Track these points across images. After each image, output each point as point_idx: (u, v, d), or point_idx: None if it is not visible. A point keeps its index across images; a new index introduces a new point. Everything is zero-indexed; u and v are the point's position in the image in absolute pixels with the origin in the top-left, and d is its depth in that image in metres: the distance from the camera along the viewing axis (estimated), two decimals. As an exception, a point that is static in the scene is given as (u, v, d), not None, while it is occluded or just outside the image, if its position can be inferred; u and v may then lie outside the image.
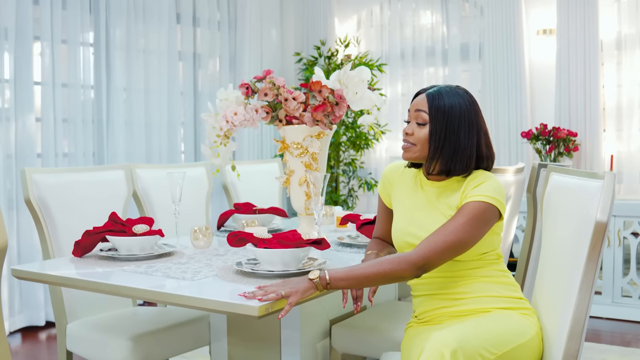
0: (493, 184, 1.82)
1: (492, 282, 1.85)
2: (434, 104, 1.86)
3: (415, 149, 1.88)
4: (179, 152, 5.14)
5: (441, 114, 1.85)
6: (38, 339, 3.92)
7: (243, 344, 2.34)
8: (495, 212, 1.80)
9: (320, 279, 1.69)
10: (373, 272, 1.73)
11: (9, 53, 3.98)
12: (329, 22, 5.89)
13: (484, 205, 1.78)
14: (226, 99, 2.56)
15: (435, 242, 1.74)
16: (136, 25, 4.74)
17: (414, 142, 1.88)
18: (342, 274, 1.71)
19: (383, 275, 1.74)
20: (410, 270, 1.73)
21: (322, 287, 1.69)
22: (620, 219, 4.15)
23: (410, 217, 1.92)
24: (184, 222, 2.78)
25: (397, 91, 5.76)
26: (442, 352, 1.57)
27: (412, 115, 1.90)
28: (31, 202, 2.39)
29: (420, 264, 1.73)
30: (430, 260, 1.73)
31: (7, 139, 3.98)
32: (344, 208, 5.52)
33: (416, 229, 1.88)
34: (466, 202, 1.80)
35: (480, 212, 1.77)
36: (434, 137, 1.85)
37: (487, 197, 1.78)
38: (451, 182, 1.89)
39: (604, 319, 4.20)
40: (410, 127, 1.90)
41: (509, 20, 5.07)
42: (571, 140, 4.76)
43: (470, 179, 1.86)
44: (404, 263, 1.73)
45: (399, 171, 2.04)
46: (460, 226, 1.75)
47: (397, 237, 1.94)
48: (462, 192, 1.84)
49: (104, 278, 1.88)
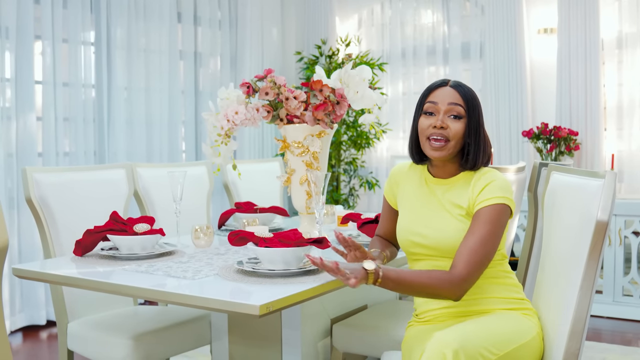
0: (499, 183, 1.80)
1: (495, 284, 1.84)
2: (468, 96, 1.82)
3: (450, 145, 1.82)
4: (180, 151, 5.14)
5: (475, 106, 1.83)
6: (39, 338, 3.92)
7: (244, 343, 2.34)
8: (508, 211, 1.79)
9: (374, 273, 1.67)
10: (418, 282, 1.71)
11: (10, 52, 3.98)
12: (329, 21, 5.89)
13: (498, 207, 1.76)
14: (227, 98, 2.56)
15: (470, 262, 1.71)
16: (137, 24, 4.74)
17: (450, 137, 1.81)
18: (393, 275, 1.68)
19: (425, 289, 1.72)
20: (451, 293, 1.71)
21: (372, 281, 1.67)
22: (621, 218, 4.15)
23: (416, 215, 1.91)
24: (184, 221, 2.78)
25: (398, 90, 5.76)
26: (444, 353, 1.56)
27: (443, 109, 1.82)
28: (32, 201, 2.40)
29: (462, 290, 1.71)
30: (469, 284, 1.72)
31: (8, 138, 3.99)
32: (344, 207, 5.52)
33: (422, 228, 1.87)
34: (479, 208, 1.77)
35: (497, 217, 1.76)
36: (471, 131, 1.81)
37: (498, 197, 1.77)
38: (457, 180, 1.87)
39: (604, 318, 4.20)
40: (443, 120, 1.82)
41: (509, 19, 5.06)
42: (572, 139, 4.75)
43: (476, 178, 1.83)
44: (448, 283, 1.70)
45: (405, 170, 2.02)
46: (484, 238, 1.73)
47: (402, 236, 1.93)
48: (471, 193, 1.81)
49: (105, 277, 1.88)
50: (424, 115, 1.87)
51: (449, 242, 1.81)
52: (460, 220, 1.82)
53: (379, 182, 5.68)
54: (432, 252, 1.85)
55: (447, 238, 1.81)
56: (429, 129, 1.84)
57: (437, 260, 1.86)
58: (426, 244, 1.85)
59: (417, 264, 1.92)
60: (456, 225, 1.82)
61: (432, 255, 1.86)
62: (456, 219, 1.83)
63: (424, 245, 1.86)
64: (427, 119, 1.85)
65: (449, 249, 1.81)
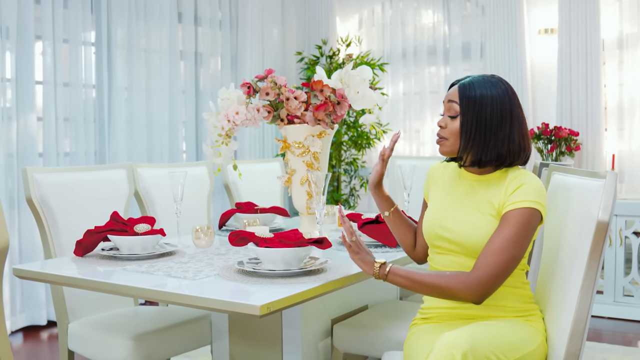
0: (532, 185, 1.76)
1: (510, 293, 1.81)
2: (465, 95, 1.81)
3: (448, 143, 1.84)
4: (181, 152, 5.14)
5: (472, 104, 1.80)
6: (39, 339, 3.92)
7: (244, 343, 2.34)
8: (538, 216, 1.75)
9: (381, 267, 1.75)
10: (430, 282, 1.72)
11: (10, 52, 3.99)
12: (330, 22, 5.89)
13: (527, 211, 1.72)
14: (228, 98, 2.56)
15: (491, 265, 1.69)
16: (137, 24, 4.74)
17: (446, 136, 1.84)
18: (402, 272, 1.74)
19: (439, 289, 1.72)
20: (469, 296, 1.70)
21: (379, 275, 1.75)
22: (621, 218, 4.15)
23: (446, 209, 1.88)
24: (185, 221, 2.78)
25: (398, 90, 5.76)
26: (453, 354, 1.55)
27: (445, 108, 1.87)
28: (33, 201, 2.40)
29: (481, 292, 1.69)
30: (489, 287, 1.70)
31: (9, 138, 3.99)
32: (345, 207, 5.52)
33: (450, 222, 1.84)
34: (508, 210, 1.74)
35: (526, 221, 1.72)
36: (465, 129, 1.80)
37: (529, 201, 1.73)
38: (492, 177, 1.84)
39: (605, 318, 4.20)
40: (443, 120, 1.86)
41: (510, 20, 5.06)
42: (573, 140, 4.75)
43: (511, 177, 1.80)
44: (463, 285, 1.69)
45: (441, 167, 2.01)
46: (510, 241, 1.70)
47: (428, 229, 1.90)
48: (504, 193, 1.78)
49: (106, 277, 1.88)
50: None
51: (475, 241, 1.78)
52: (489, 219, 1.79)
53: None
54: (456, 248, 1.83)
55: (474, 236, 1.78)
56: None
57: (458, 256, 1.83)
58: (452, 239, 1.83)
59: (438, 257, 1.89)
60: (485, 224, 1.78)
61: (455, 251, 1.83)
62: (486, 217, 1.79)
63: (449, 240, 1.83)
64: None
65: (473, 247, 1.78)
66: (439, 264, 1.88)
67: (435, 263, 1.91)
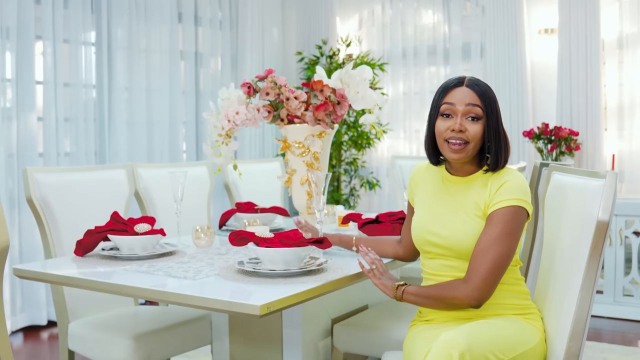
0: (515, 183, 1.76)
1: (505, 290, 1.82)
2: (486, 96, 1.78)
3: (470, 148, 1.79)
4: (181, 152, 5.14)
5: (493, 106, 1.78)
6: (40, 339, 3.92)
7: (245, 343, 2.34)
8: (524, 213, 1.75)
9: (397, 289, 1.80)
10: (436, 294, 1.76)
11: (10, 52, 3.99)
12: (330, 22, 5.89)
13: (512, 209, 1.73)
14: (228, 98, 2.56)
15: (483, 268, 1.70)
16: (138, 25, 4.74)
17: (469, 139, 1.78)
18: (413, 289, 1.79)
19: (443, 299, 1.76)
20: (468, 303, 1.72)
21: (396, 296, 1.80)
22: (621, 218, 4.15)
23: (433, 214, 1.88)
24: (185, 221, 2.79)
25: (398, 90, 5.76)
26: (451, 353, 1.55)
27: (461, 111, 1.78)
28: (33, 201, 2.40)
29: (478, 297, 1.71)
30: (485, 290, 1.71)
31: (9, 138, 3.99)
32: (345, 207, 5.52)
33: (438, 227, 1.84)
34: (493, 210, 1.75)
35: (511, 219, 1.72)
36: (490, 132, 1.77)
37: (513, 199, 1.73)
38: (476, 178, 1.84)
39: (605, 318, 4.19)
40: (462, 123, 1.77)
41: (510, 20, 5.06)
42: (573, 140, 4.75)
43: (494, 176, 1.80)
44: (460, 293, 1.73)
45: (423, 169, 1.99)
46: (497, 240, 1.71)
47: (417, 236, 1.90)
48: (489, 191, 1.78)
49: (106, 277, 1.89)
50: (440, 117, 1.82)
51: (464, 244, 1.78)
52: (476, 220, 1.79)
53: (379, 182, 5.69)
54: (446, 252, 1.84)
55: (463, 239, 1.79)
56: (447, 132, 1.80)
57: (450, 260, 1.84)
58: (441, 243, 1.83)
59: (430, 261, 1.90)
60: (473, 226, 1.79)
61: (446, 255, 1.84)
62: (473, 219, 1.79)
63: (439, 245, 1.84)
64: (444, 121, 1.81)
65: (463, 250, 1.79)
66: (432, 268, 1.89)
67: (428, 268, 1.91)
